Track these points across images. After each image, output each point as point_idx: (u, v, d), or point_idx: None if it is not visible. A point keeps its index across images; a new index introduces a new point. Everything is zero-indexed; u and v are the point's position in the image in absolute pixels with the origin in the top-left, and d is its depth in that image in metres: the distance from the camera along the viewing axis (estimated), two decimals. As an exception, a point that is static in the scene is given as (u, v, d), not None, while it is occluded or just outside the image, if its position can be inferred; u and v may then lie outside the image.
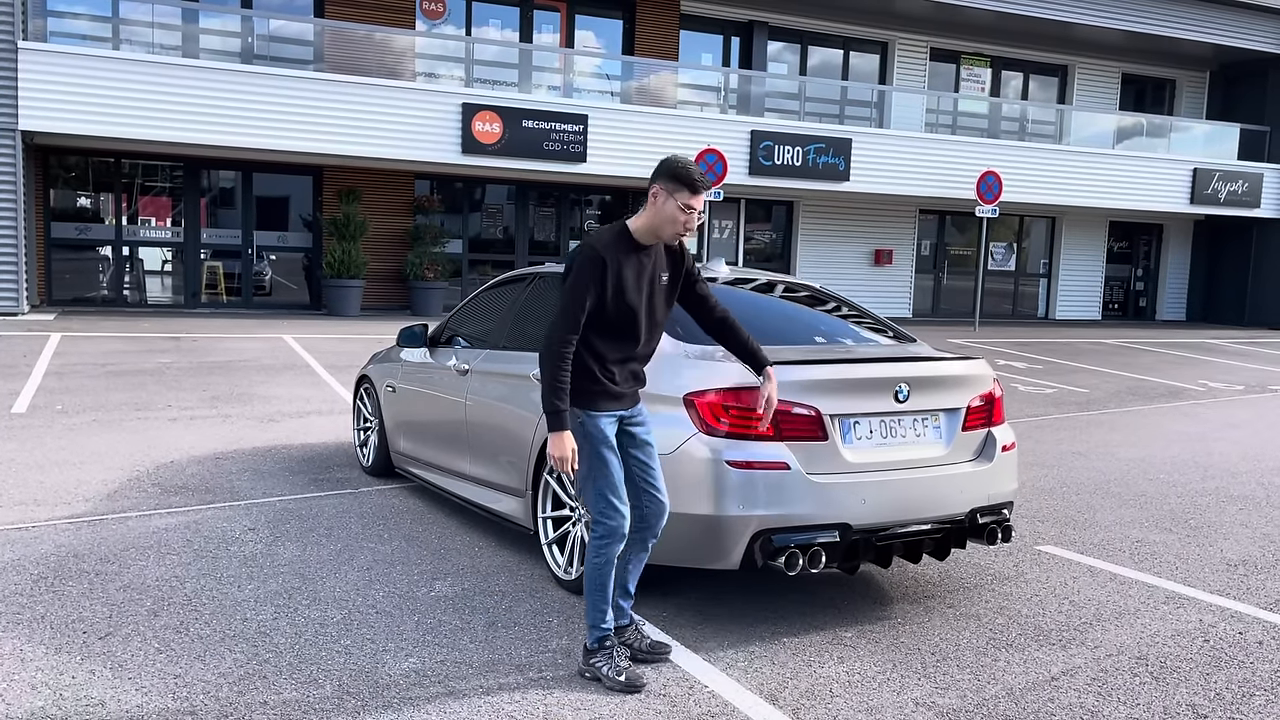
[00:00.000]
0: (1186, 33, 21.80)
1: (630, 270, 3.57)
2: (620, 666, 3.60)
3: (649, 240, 3.65)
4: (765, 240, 21.57)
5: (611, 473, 3.60)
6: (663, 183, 3.57)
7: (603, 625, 3.65)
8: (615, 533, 3.60)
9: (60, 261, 16.65)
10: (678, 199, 3.55)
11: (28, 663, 3.66)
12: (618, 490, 3.60)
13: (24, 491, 5.97)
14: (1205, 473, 7.64)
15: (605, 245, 3.54)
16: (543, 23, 19.50)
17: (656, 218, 3.60)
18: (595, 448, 3.60)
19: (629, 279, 3.56)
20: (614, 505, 3.59)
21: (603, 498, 3.59)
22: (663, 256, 3.72)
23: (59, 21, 15.96)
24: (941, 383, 4.41)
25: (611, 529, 3.60)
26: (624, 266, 3.55)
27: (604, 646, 3.65)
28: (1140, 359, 15.75)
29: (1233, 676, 3.88)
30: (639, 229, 3.63)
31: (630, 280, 3.56)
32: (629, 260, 3.57)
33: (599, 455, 3.60)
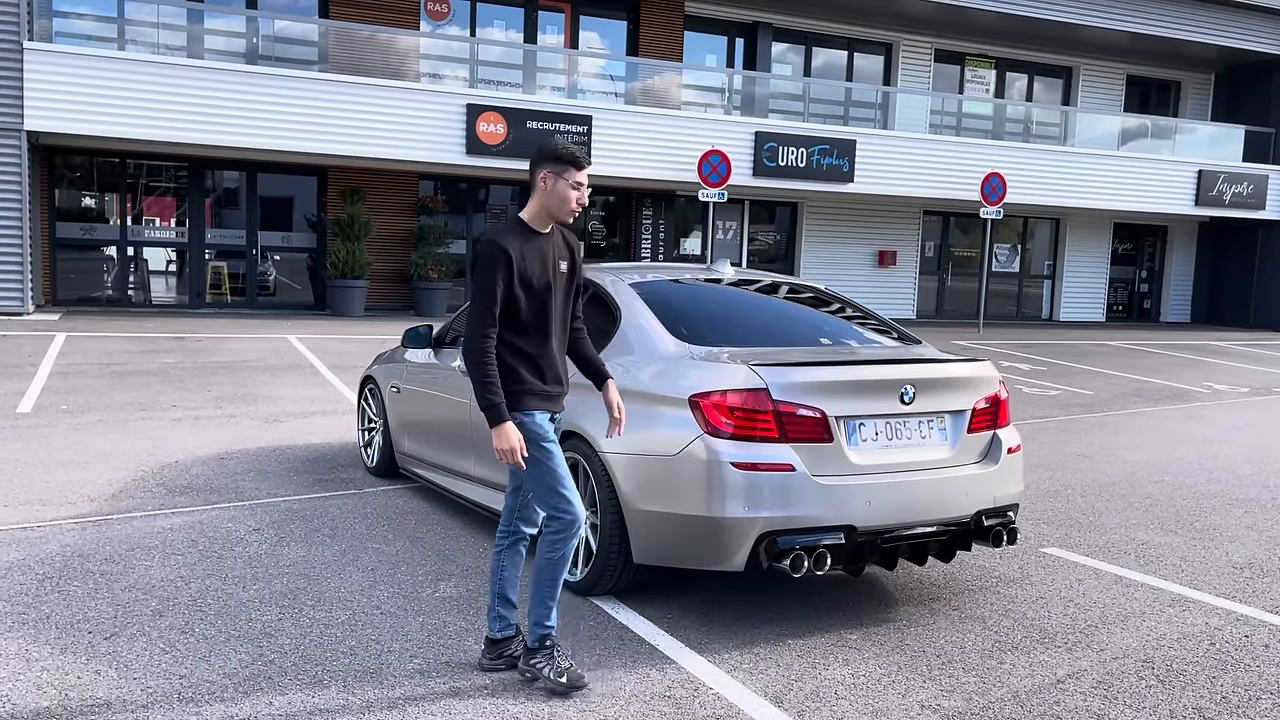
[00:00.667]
0: (1191, 34, 21.77)
1: (534, 260, 3.59)
2: (561, 667, 3.57)
3: (544, 227, 3.67)
4: (769, 241, 21.56)
5: (557, 466, 3.59)
6: (549, 166, 3.62)
7: (546, 623, 3.62)
8: (571, 526, 3.57)
9: (65, 261, 16.67)
10: (566, 178, 3.60)
11: (33, 663, 3.67)
12: (565, 483, 3.58)
13: (29, 491, 5.98)
14: (1210, 475, 7.62)
15: (505, 237, 3.56)
16: (547, 23, 19.50)
17: (549, 200, 3.63)
18: (538, 444, 3.57)
19: (534, 268, 3.59)
20: (565, 498, 3.57)
21: (553, 493, 3.57)
22: (560, 246, 3.73)
23: (64, 22, 15.99)
24: (947, 384, 4.40)
25: (567, 523, 3.57)
26: (527, 256, 3.58)
27: (544, 646, 3.61)
28: (1145, 361, 15.72)
29: (1239, 679, 3.87)
30: (533, 217, 3.66)
31: (536, 269, 3.59)
32: (531, 249, 3.60)
33: (543, 450, 3.58)
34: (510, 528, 3.78)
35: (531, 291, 3.58)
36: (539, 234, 3.65)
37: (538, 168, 3.64)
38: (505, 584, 3.74)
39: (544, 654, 3.61)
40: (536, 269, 3.59)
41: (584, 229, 20.24)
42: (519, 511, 3.76)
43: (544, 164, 3.63)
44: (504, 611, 3.74)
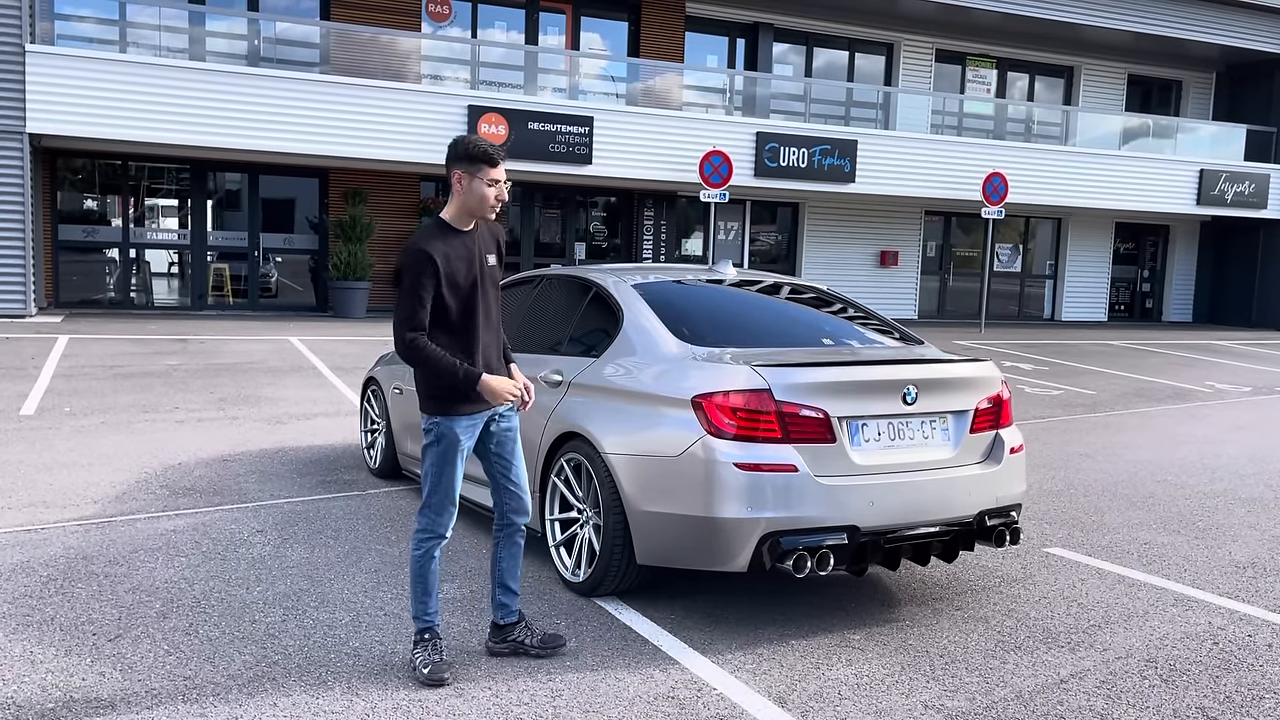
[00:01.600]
0: (1193, 34, 21.76)
1: (459, 260, 3.61)
2: (430, 660, 3.63)
3: (467, 225, 3.69)
4: (771, 242, 21.56)
5: (452, 476, 3.68)
6: (462, 166, 3.61)
7: (424, 617, 3.71)
8: (436, 532, 3.70)
9: (67, 264, 16.70)
10: (481, 177, 3.60)
11: (38, 665, 3.68)
12: (451, 494, 3.70)
13: (33, 493, 5.99)
14: (1213, 475, 7.62)
15: (429, 242, 3.58)
16: (548, 25, 19.51)
17: (469, 200, 3.64)
18: (444, 449, 3.67)
19: (460, 269, 3.61)
20: (444, 506, 3.70)
21: (435, 495, 3.68)
22: (486, 240, 3.75)
23: (66, 24, 16.01)
24: (949, 385, 4.41)
25: (433, 526, 3.70)
26: (451, 258, 3.59)
27: (423, 639, 3.70)
28: (1147, 360, 15.71)
29: (1242, 679, 3.87)
30: (454, 217, 3.68)
31: (461, 270, 3.61)
32: (454, 250, 3.61)
33: (445, 457, 3.67)
34: (503, 520, 3.89)
35: (458, 292, 3.62)
36: (462, 232, 3.67)
37: (451, 167, 3.64)
38: (504, 574, 3.88)
39: (420, 645, 3.69)
40: (462, 269, 3.61)
41: (586, 230, 20.26)
42: (507, 504, 3.87)
43: (457, 163, 3.62)
44: (505, 599, 3.88)
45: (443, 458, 3.67)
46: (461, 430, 3.67)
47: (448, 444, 3.66)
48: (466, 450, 3.71)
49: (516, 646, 3.86)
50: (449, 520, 3.73)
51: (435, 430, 3.67)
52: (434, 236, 3.60)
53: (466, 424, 3.68)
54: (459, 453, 3.68)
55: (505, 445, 3.83)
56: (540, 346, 5.17)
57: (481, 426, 3.76)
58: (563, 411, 4.66)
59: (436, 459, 3.68)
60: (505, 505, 3.86)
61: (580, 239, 20.00)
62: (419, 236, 3.62)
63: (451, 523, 3.73)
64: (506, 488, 3.85)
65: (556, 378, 4.80)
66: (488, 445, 3.82)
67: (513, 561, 3.88)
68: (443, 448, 3.67)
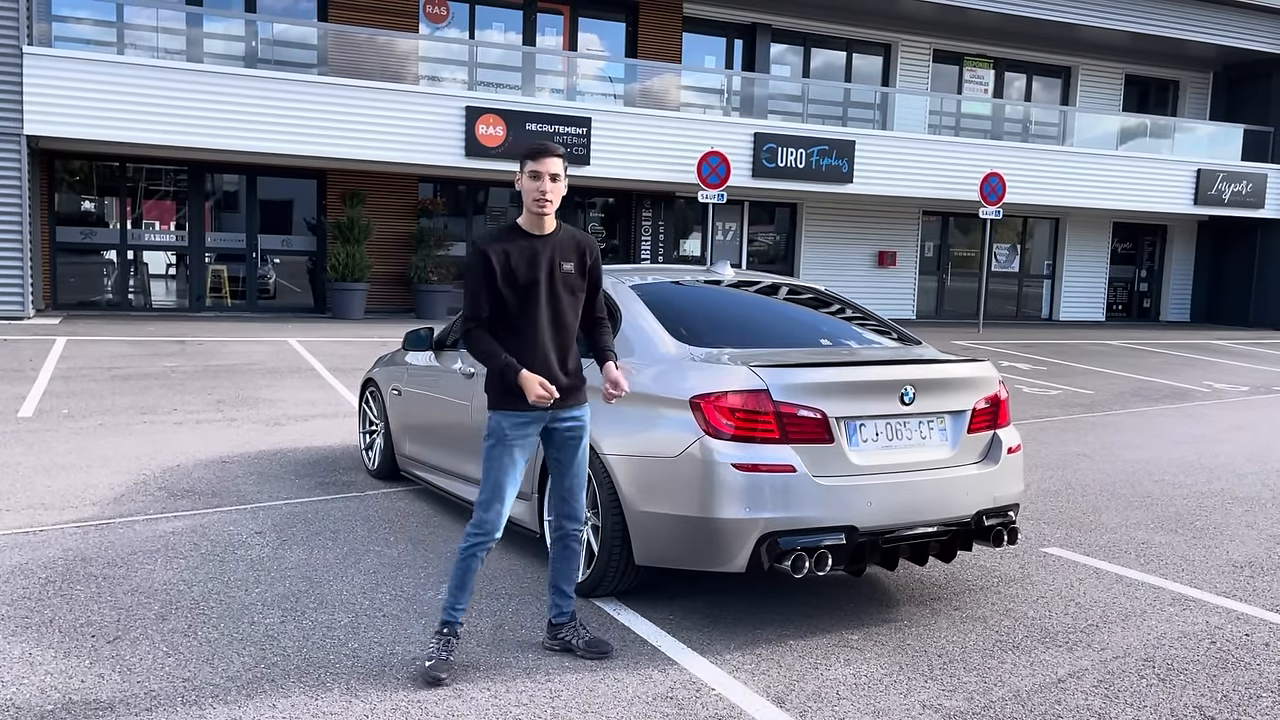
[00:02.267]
0: (1190, 34, 21.79)
1: (520, 259, 3.71)
2: (436, 655, 3.68)
3: (536, 228, 3.78)
4: (769, 242, 21.57)
5: (500, 472, 3.73)
6: (521, 166, 3.76)
7: (450, 610, 3.77)
8: (484, 529, 3.74)
9: (65, 265, 16.69)
10: (525, 170, 3.71)
11: (37, 666, 3.68)
12: (500, 491, 3.74)
13: (31, 495, 5.99)
14: (1211, 474, 7.63)
15: (489, 241, 3.73)
16: (546, 25, 19.52)
17: (524, 198, 3.76)
18: (494, 444, 3.74)
19: (520, 267, 3.70)
20: (490, 503, 3.74)
21: (484, 490, 3.75)
22: (566, 246, 3.82)
23: (63, 26, 16.01)
24: (947, 385, 4.41)
25: (481, 523, 3.74)
26: (512, 256, 3.70)
27: (440, 631, 3.75)
28: (1145, 360, 15.73)
29: (1239, 678, 3.88)
30: (524, 220, 3.80)
31: (521, 268, 3.70)
32: (518, 249, 3.72)
33: (493, 452, 3.74)
34: (556, 524, 3.96)
35: (516, 289, 3.71)
36: (531, 235, 3.77)
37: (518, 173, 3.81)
38: (557, 576, 3.97)
39: (436, 637, 3.74)
40: (522, 268, 3.70)
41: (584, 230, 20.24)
42: (559, 508, 3.94)
43: (520, 168, 3.77)
44: (557, 600, 3.96)
45: (492, 453, 3.75)
46: (510, 426, 3.72)
47: (496, 439, 3.74)
48: (520, 449, 3.75)
49: (565, 645, 3.94)
50: (497, 519, 3.74)
51: (489, 424, 3.77)
52: (496, 236, 3.75)
53: (516, 420, 3.73)
54: (507, 449, 3.72)
55: (564, 449, 3.86)
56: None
57: (541, 428, 3.80)
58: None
59: (487, 454, 3.77)
60: (557, 509, 3.93)
61: (578, 239, 19.99)
62: (481, 235, 3.78)
63: (501, 523, 3.75)
64: (559, 493, 3.91)
65: (555, 379, 4.80)
66: (549, 448, 3.88)
67: (565, 565, 3.95)
68: (493, 442, 3.75)
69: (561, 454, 3.87)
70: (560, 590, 3.95)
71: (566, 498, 3.90)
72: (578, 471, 3.89)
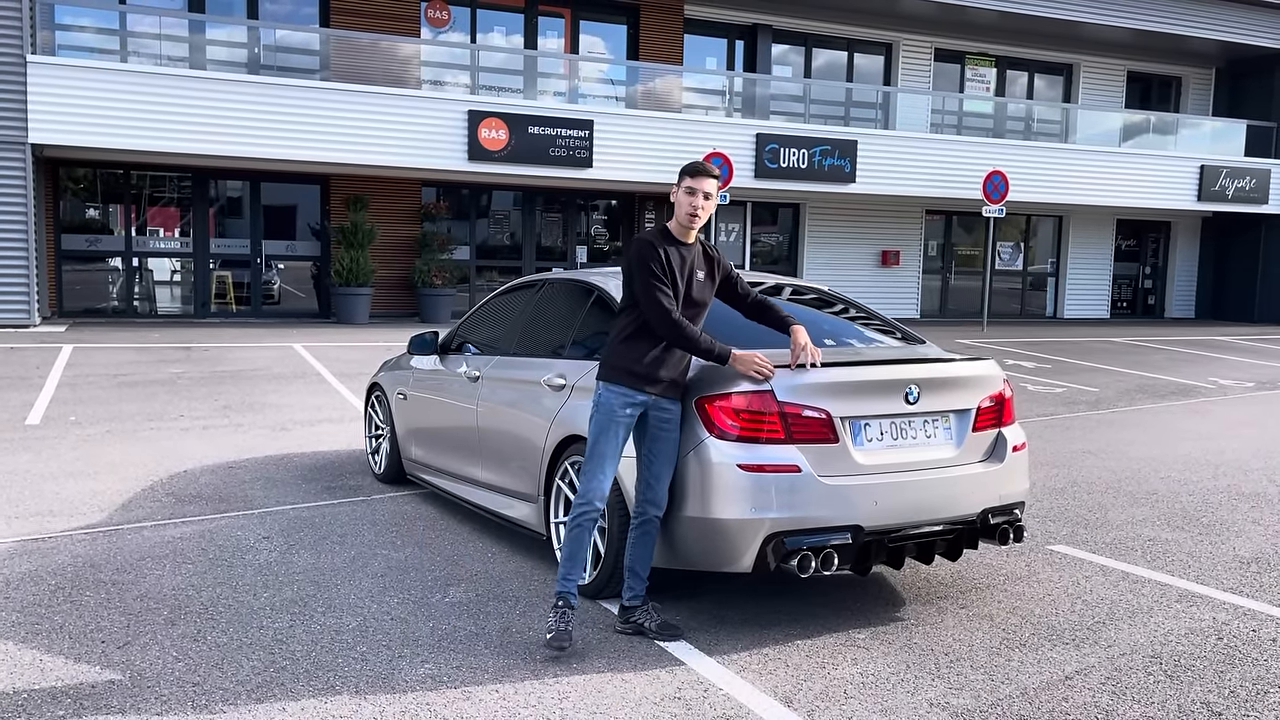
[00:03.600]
0: (1192, 30, 21.77)
1: (673, 258, 4.05)
2: (554, 627, 3.89)
3: (682, 235, 4.13)
4: (772, 243, 21.58)
5: (605, 445, 4.00)
6: (678, 179, 4.14)
7: (563, 580, 3.96)
8: (587, 499, 3.99)
9: (71, 273, 16.75)
10: (683, 185, 4.10)
11: (48, 673, 3.70)
12: (603, 463, 4.00)
13: (40, 503, 6.01)
14: (1217, 470, 7.62)
15: (652, 235, 4.09)
16: (547, 29, 19.56)
17: (677, 209, 4.12)
18: (600, 418, 4.03)
19: (675, 267, 4.05)
20: (594, 474, 3.99)
21: (589, 461, 4.01)
22: (700, 256, 4.17)
23: (67, 35, 16.07)
24: (951, 384, 4.42)
25: (585, 494, 3.99)
26: (668, 254, 4.04)
27: (556, 605, 3.95)
28: (1150, 357, 15.71)
29: (1247, 674, 3.88)
30: (673, 225, 4.16)
31: (676, 268, 4.04)
32: (670, 250, 4.06)
33: (601, 425, 4.02)
34: (639, 510, 4.11)
35: (675, 288, 4.02)
36: (680, 242, 4.12)
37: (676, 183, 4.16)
38: (634, 560, 4.12)
39: (554, 610, 3.93)
40: (678, 271, 4.05)
41: (587, 233, 20.28)
42: (644, 494, 4.10)
43: (678, 179, 4.13)
44: (632, 582, 4.13)
45: (598, 425, 4.02)
46: (620, 404, 3.99)
47: (605, 413, 4.01)
48: (625, 425, 4.01)
49: (638, 628, 4.08)
50: (599, 489, 3.98)
51: (597, 397, 4.05)
52: (656, 232, 4.11)
53: (623, 398, 3.99)
54: (614, 423, 3.99)
55: (656, 437, 4.07)
56: (543, 350, 5.19)
57: (640, 410, 4.04)
58: (566, 415, 4.68)
59: (593, 427, 4.04)
60: (642, 495, 4.09)
61: (581, 242, 20.03)
62: (643, 233, 4.12)
63: (603, 493, 4.00)
64: (645, 478, 4.08)
65: (560, 381, 4.82)
66: (643, 433, 4.09)
67: (643, 549, 4.10)
68: (600, 415, 4.02)
69: (654, 441, 4.06)
70: (635, 573, 4.10)
71: (652, 484, 4.06)
72: (666, 460, 4.07)
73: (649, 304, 3.95)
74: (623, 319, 4.09)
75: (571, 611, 3.94)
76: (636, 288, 4.00)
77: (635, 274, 3.99)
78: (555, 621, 3.91)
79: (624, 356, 4.02)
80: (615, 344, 4.07)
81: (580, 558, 4.04)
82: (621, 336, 4.06)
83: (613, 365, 4.04)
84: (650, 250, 3.99)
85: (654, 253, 3.99)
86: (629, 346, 4.03)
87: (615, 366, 4.03)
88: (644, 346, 4.01)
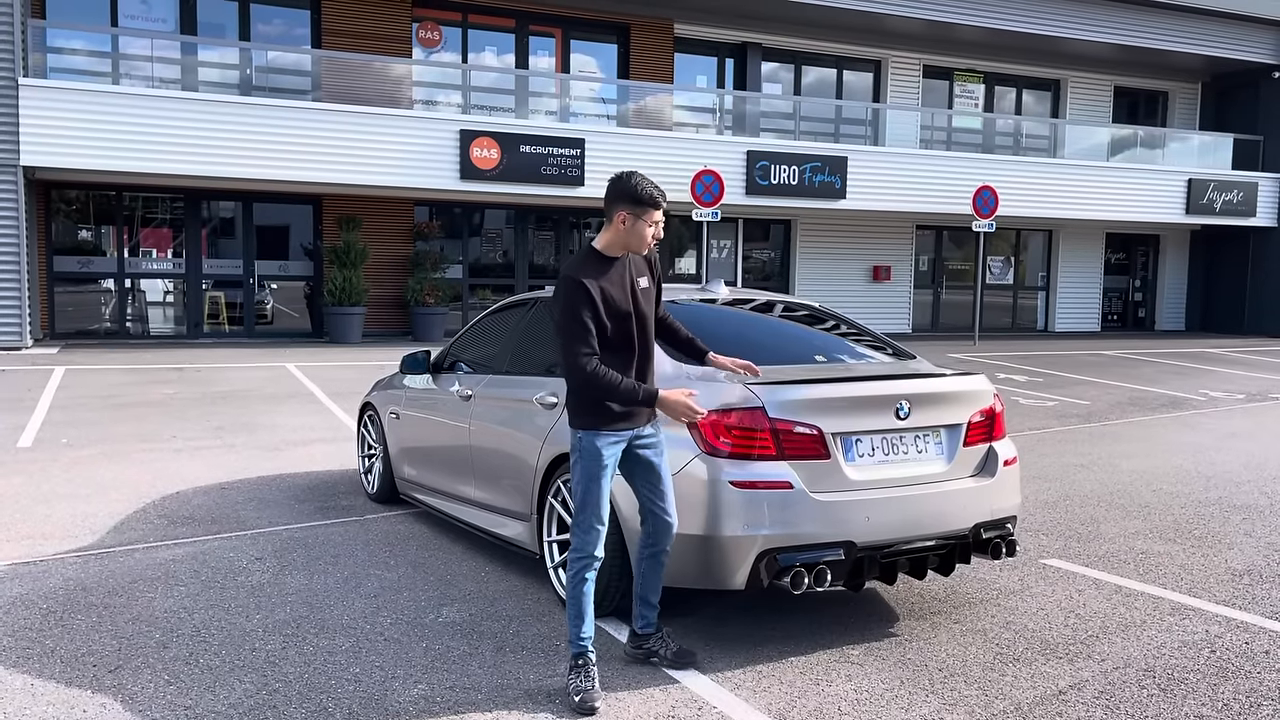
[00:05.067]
0: (1176, 45, 21.97)
1: (613, 286, 3.73)
2: (580, 686, 3.67)
3: (618, 253, 3.81)
4: (763, 259, 21.65)
5: (598, 493, 3.74)
6: (629, 207, 3.73)
7: (577, 641, 3.75)
8: (587, 551, 3.75)
9: (63, 295, 16.72)
10: (646, 219, 3.75)
11: (39, 697, 3.68)
12: (599, 511, 3.75)
13: (31, 526, 5.99)
14: (1208, 483, 7.65)
15: (581, 270, 3.70)
16: (538, 48, 19.66)
17: (629, 238, 3.76)
18: (587, 467, 3.74)
19: (615, 294, 3.72)
20: (590, 524, 3.75)
21: (582, 512, 3.75)
22: (637, 263, 3.88)
23: (58, 57, 16.10)
24: (942, 399, 4.44)
25: (583, 546, 3.75)
26: (605, 284, 3.70)
27: (576, 664, 3.74)
28: (1141, 370, 15.77)
29: (1240, 686, 3.89)
30: (606, 246, 3.79)
31: (617, 295, 3.72)
32: (607, 276, 3.73)
33: (589, 475, 3.74)
34: (649, 540, 3.97)
35: (616, 316, 3.72)
36: (613, 259, 3.79)
37: (615, 205, 3.75)
38: (644, 589, 4.01)
39: (574, 671, 3.73)
40: (617, 294, 3.73)
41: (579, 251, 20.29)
42: (653, 526, 3.96)
43: (622, 203, 3.74)
44: (644, 611, 4.02)
45: (588, 474, 3.73)
46: (604, 446, 3.73)
47: (591, 459, 3.72)
48: (612, 468, 3.77)
49: (650, 655, 4.00)
50: (597, 539, 3.75)
51: (579, 445, 3.75)
52: (586, 264, 3.73)
53: (610, 440, 3.75)
54: (603, 469, 3.73)
55: (648, 463, 3.87)
56: (535, 369, 5.20)
57: (623, 446, 3.80)
58: (559, 433, 4.68)
59: (582, 476, 3.74)
60: (652, 528, 3.92)
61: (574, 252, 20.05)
62: (570, 266, 3.73)
63: (601, 541, 3.76)
64: (651, 510, 3.91)
65: (552, 399, 4.83)
66: (631, 467, 3.87)
67: (654, 577, 3.98)
68: (587, 463, 3.73)
69: (649, 471, 3.87)
70: (646, 601, 4.00)
71: (662, 516, 3.91)
72: (667, 478, 3.92)
73: (564, 353, 3.63)
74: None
75: (592, 666, 3.72)
76: (555, 329, 3.71)
77: (558, 315, 3.65)
78: (579, 680, 3.67)
79: (598, 399, 3.69)
80: (581, 388, 3.69)
81: (588, 611, 3.75)
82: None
83: (587, 412, 3.72)
84: (579, 294, 3.62)
85: (584, 296, 3.62)
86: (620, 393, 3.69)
87: (590, 413, 3.72)
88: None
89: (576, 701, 3.62)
